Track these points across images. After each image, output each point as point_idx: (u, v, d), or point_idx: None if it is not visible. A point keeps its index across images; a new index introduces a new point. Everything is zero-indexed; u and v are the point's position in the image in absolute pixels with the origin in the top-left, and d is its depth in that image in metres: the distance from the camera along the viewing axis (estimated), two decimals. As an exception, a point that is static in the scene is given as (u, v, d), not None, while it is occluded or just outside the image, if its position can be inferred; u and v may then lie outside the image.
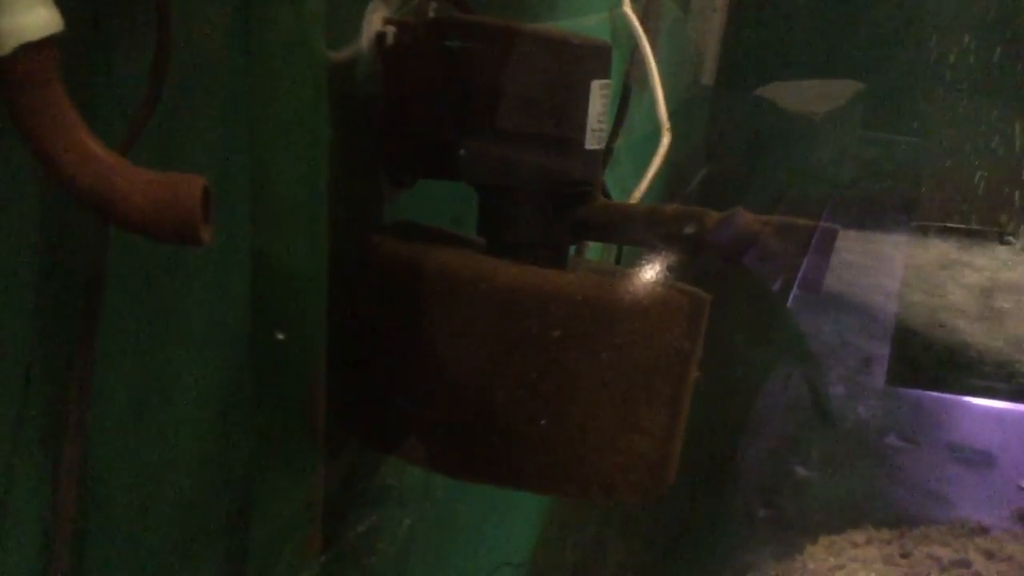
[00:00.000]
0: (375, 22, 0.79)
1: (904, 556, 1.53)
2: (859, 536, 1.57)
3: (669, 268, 0.81)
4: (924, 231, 1.97)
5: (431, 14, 0.85)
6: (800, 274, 0.81)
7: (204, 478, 0.61)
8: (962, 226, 1.97)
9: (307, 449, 0.63)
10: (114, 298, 0.54)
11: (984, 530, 1.60)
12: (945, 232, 1.96)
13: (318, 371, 0.64)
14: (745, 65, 2.22)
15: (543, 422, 0.73)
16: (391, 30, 0.79)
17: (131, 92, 0.52)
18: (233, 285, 0.61)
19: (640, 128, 1.31)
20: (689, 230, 0.79)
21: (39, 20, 0.43)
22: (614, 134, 1.23)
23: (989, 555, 1.53)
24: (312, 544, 0.64)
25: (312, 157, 0.63)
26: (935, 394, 1.79)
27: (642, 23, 1.16)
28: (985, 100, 2.14)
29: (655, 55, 1.21)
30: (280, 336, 0.59)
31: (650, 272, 0.80)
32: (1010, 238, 1.90)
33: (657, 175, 1.18)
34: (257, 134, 0.60)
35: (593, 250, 1.10)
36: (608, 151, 1.21)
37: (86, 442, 0.54)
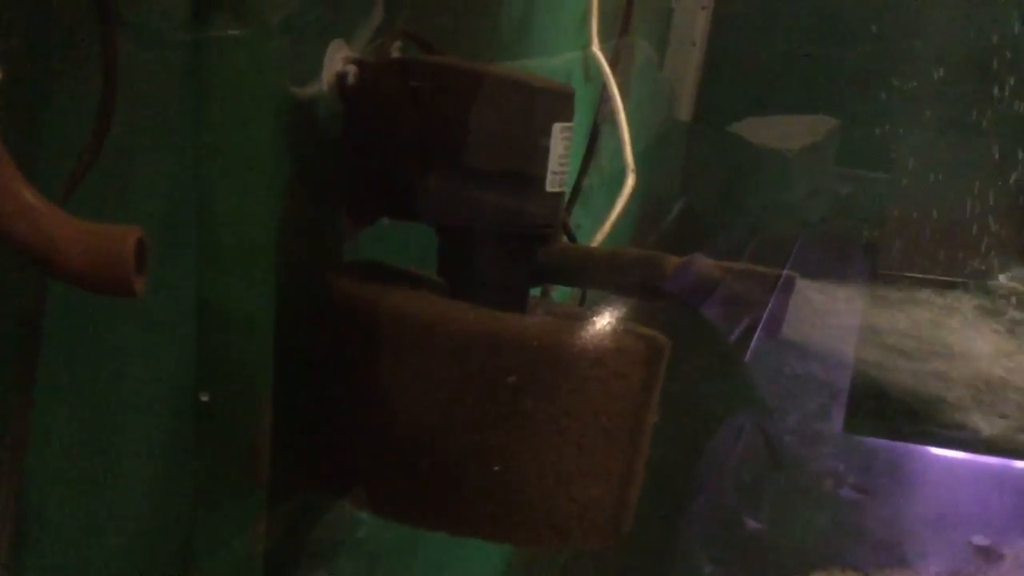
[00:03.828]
0: (337, 62, 0.78)
1: (867, 599, 1.53)
2: (823, 579, 1.57)
3: (632, 311, 0.81)
4: (889, 277, 1.98)
5: (394, 54, 0.85)
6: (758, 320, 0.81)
7: (143, 531, 0.60)
8: (929, 276, 1.98)
9: (249, 500, 0.62)
10: (54, 344, 0.53)
11: (950, 574, 1.60)
12: (911, 279, 1.97)
13: (262, 420, 0.63)
14: (723, 100, 2.23)
15: (497, 468, 0.72)
16: (353, 70, 0.79)
17: (75, 138, 0.52)
18: (177, 331, 0.60)
19: (611, 165, 1.32)
20: (648, 276, 0.78)
21: (-25, 68, 0.43)
22: (583, 172, 1.23)
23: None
24: (253, 597, 0.63)
25: (263, 200, 0.63)
26: (892, 443, 1.80)
27: (612, 63, 1.17)
28: (960, 139, 2.17)
29: (627, 94, 1.22)
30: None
31: (609, 316, 0.79)
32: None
33: (626, 215, 1.18)
34: (206, 177, 0.60)
35: (559, 291, 1.09)
36: (577, 189, 1.21)
37: (21, 493, 0.53)
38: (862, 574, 1.59)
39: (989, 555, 1.68)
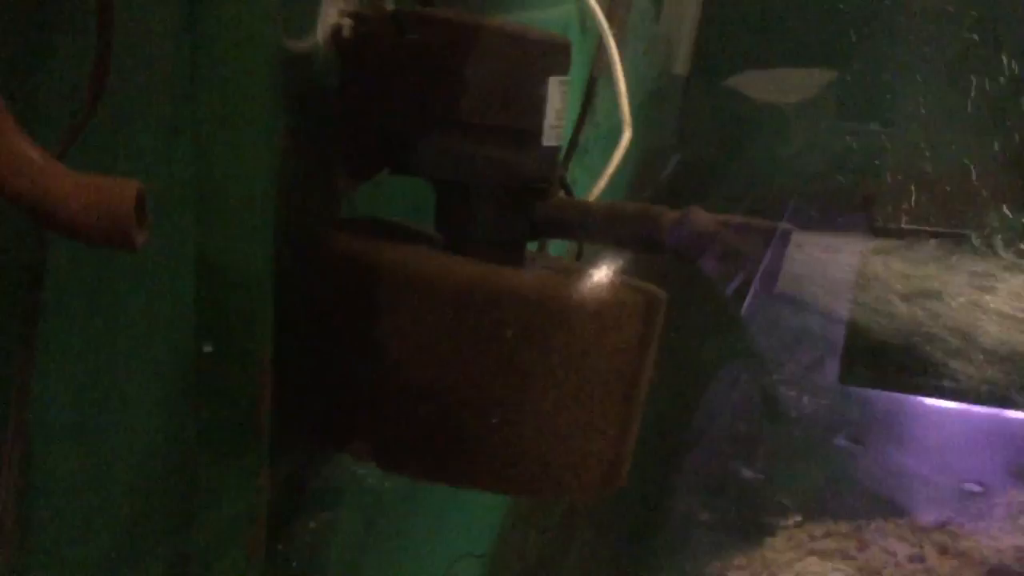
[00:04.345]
0: (332, 15, 0.78)
1: (861, 550, 1.55)
2: (818, 529, 1.60)
3: (630, 265, 0.81)
4: (886, 229, 1.98)
5: (390, 6, 0.84)
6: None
7: (147, 481, 0.61)
8: (926, 228, 1.98)
9: (251, 452, 0.63)
10: (56, 300, 0.54)
11: (941, 525, 1.63)
12: (908, 231, 1.97)
13: (263, 373, 0.64)
14: (721, 54, 2.22)
15: (495, 420, 0.73)
16: (348, 22, 0.78)
17: (72, 93, 0.51)
18: (178, 286, 0.60)
19: (607, 120, 1.31)
20: (645, 229, 0.79)
21: (-30, 22, 0.42)
22: (579, 126, 1.23)
23: (943, 550, 1.56)
24: (256, 546, 0.64)
25: (261, 154, 0.63)
26: (887, 393, 1.82)
27: (609, 15, 1.16)
28: (959, 91, 2.16)
29: (623, 47, 1.21)
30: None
31: (606, 270, 0.80)
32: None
33: (623, 169, 1.18)
34: (204, 132, 0.60)
35: (556, 245, 1.10)
36: (573, 144, 1.20)
37: (27, 445, 0.53)
38: (854, 524, 1.62)
39: (981, 502, 1.70)
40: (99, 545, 0.58)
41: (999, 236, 1.91)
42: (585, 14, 1.31)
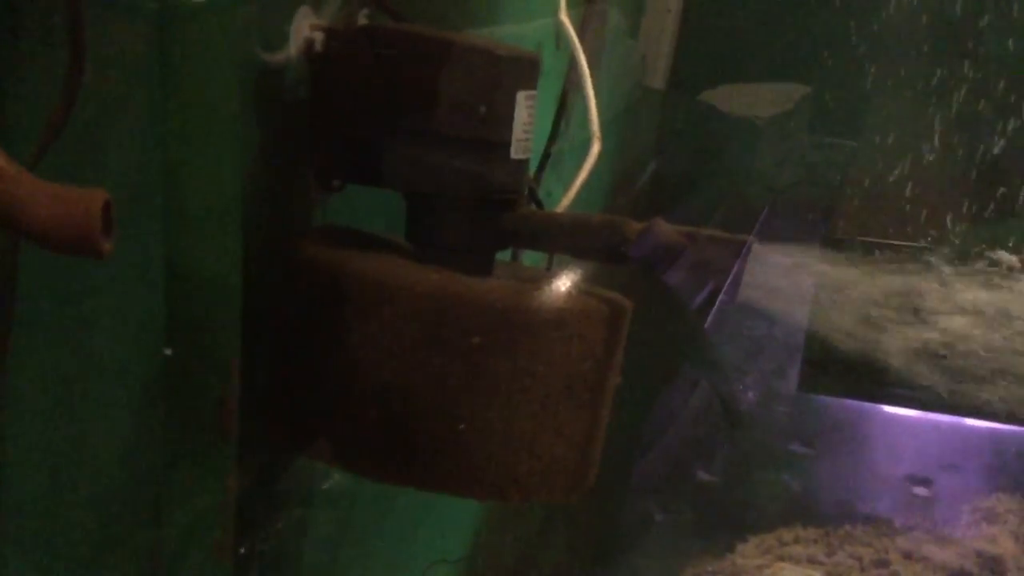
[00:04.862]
0: (304, 29, 0.80)
1: (828, 555, 1.58)
2: (788, 535, 1.62)
3: (600, 275, 0.83)
4: (845, 243, 2.01)
5: (362, 21, 0.86)
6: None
7: (115, 481, 0.62)
8: (886, 240, 2.01)
9: (218, 453, 0.65)
10: (29, 303, 0.55)
11: (908, 530, 1.65)
12: (867, 244, 2.00)
13: (231, 376, 0.65)
14: (698, 68, 2.25)
15: (462, 426, 0.75)
16: (320, 37, 0.80)
17: (44, 104, 0.53)
18: (147, 291, 0.62)
19: (581, 133, 1.33)
20: (610, 241, 0.80)
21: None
22: (552, 138, 1.24)
23: (908, 556, 1.59)
24: (222, 546, 0.65)
25: (229, 164, 0.64)
26: (846, 400, 1.85)
27: (582, 31, 1.18)
28: (931, 108, 2.19)
29: (596, 62, 1.23)
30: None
31: (573, 279, 0.81)
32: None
33: (598, 182, 1.20)
34: (174, 142, 0.61)
35: (531, 255, 1.11)
36: (547, 155, 1.22)
37: (-3, 445, 0.54)
38: (822, 529, 1.64)
39: (945, 508, 1.73)
40: (68, 542, 0.59)
41: (958, 249, 1.95)
42: (560, 29, 1.33)
